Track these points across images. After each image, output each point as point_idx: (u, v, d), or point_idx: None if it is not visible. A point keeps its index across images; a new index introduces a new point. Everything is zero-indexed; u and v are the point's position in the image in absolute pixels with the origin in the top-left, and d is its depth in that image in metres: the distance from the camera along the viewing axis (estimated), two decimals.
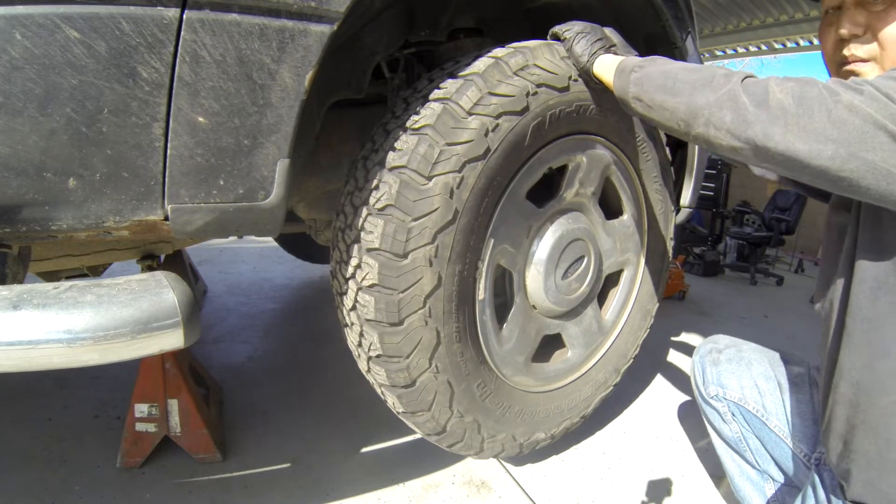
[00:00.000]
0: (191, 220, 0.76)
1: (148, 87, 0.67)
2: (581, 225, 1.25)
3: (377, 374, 1.05)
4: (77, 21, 0.62)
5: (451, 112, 0.95)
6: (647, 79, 0.86)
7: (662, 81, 0.83)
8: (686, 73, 0.80)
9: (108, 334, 0.62)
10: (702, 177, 1.66)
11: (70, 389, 1.63)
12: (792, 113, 0.66)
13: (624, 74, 0.92)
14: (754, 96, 0.69)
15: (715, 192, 4.43)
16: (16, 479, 1.23)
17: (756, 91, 0.69)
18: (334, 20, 0.76)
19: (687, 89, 0.78)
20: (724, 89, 0.72)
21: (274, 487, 1.26)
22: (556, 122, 1.09)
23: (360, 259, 0.98)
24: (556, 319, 1.30)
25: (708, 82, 0.75)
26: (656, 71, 0.85)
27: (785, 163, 0.67)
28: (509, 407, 1.22)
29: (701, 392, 1.23)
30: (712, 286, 3.66)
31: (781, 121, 0.66)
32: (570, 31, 1.08)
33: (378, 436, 1.49)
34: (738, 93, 0.71)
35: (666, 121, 0.83)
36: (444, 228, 0.96)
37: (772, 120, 0.67)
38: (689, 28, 1.46)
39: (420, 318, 0.98)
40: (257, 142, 0.76)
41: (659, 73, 0.84)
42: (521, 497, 1.29)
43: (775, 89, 0.68)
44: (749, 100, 0.69)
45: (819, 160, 0.64)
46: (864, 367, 0.78)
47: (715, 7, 5.72)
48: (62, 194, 0.67)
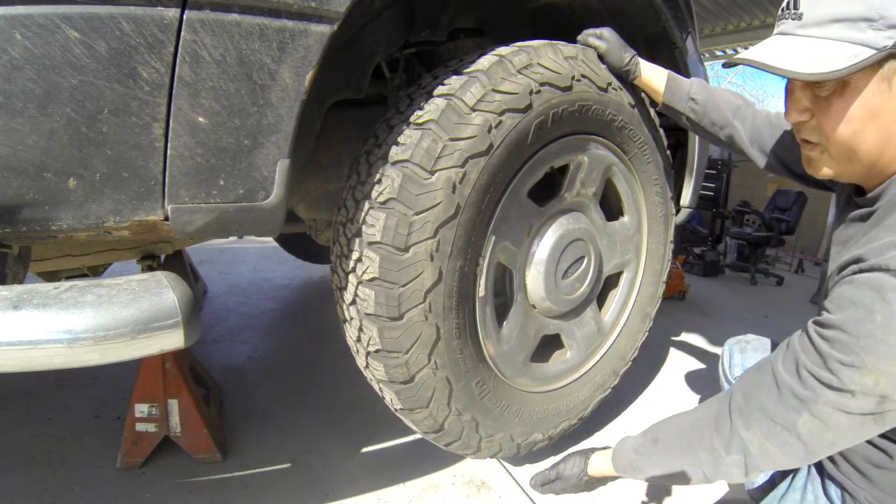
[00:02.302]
0: (191, 221, 0.76)
1: (148, 88, 0.67)
2: (582, 225, 1.25)
3: (375, 370, 1.05)
4: (77, 21, 0.62)
5: (454, 108, 0.96)
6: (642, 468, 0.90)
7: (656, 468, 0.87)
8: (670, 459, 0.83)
9: (109, 334, 0.62)
10: (702, 177, 1.66)
11: (70, 389, 1.63)
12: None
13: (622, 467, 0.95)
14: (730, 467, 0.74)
15: (715, 192, 4.43)
16: (16, 479, 1.23)
17: (734, 463, 0.73)
18: (334, 20, 0.76)
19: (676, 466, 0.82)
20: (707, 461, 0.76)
21: (274, 487, 1.26)
22: (559, 121, 1.09)
23: (360, 253, 0.98)
24: (555, 320, 1.30)
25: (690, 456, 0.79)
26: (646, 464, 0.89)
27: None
28: (507, 406, 1.22)
29: (726, 373, 1.26)
30: (712, 286, 3.66)
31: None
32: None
33: (378, 436, 1.49)
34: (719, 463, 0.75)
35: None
36: (446, 223, 0.96)
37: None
38: (689, 28, 1.46)
39: (420, 313, 0.98)
40: (257, 142, 0.76)
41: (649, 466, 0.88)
42: (521, 497, 1.29)
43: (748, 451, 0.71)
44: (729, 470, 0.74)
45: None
46: None
47: (715, 7, 5.73)
48: (62, 194, 0.67)
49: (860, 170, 0.72)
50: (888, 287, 0.57)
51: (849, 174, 0.74)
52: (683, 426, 0.82)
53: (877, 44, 0.64)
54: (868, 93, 0.66)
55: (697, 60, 1.53)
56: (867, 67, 0.65)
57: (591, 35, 1.22)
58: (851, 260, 0.65)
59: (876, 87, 0.66)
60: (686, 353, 2.26)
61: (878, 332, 0.57)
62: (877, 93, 0.66)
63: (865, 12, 0.64)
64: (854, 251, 0.65)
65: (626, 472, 0.94)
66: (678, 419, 0.85)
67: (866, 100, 0.67)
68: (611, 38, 1.21)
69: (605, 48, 1.20)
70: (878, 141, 0.68)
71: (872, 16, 0.64)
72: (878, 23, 0.63)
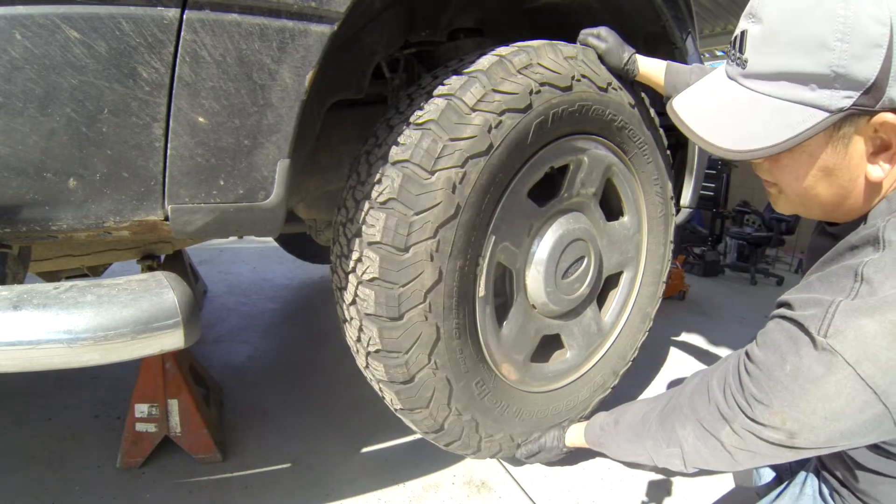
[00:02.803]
0: (191, 221, 0.76)
1: (148, 88, 0.67)
2: (582, 225, 1.25)
3: (375, 370, 1.05)
4: (77, 21, 0.62)
5: (454, 108, 0.96)
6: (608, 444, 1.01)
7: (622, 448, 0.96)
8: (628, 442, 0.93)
9: (109, 334, 0.62)
10: (702, 177, 1.66)
11: (70, 389, 1.63)
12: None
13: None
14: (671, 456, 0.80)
15: (715, 192, 4.43)
16: (16, 479, 1.23)
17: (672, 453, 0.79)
18: (334, 20, 0.76)
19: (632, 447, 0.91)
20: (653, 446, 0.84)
21: (274, 487, 1.26)
22: (559, 121, 1.09)
23: (360, 253, 0.98)
24: (555, 320, 1.30)
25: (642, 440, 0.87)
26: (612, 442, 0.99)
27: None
28: (507, 406, 1.22)
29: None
30: (712, 286, 3.66)
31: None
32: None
33: (378, 436, 1.49)
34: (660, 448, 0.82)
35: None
36: (446, 223, 0.96)
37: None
38: (689, 28, 1.46)
39: (420, 313, 0.98)
40: (257, 142, 0.76)
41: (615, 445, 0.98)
42: (522, 497, 1.29)
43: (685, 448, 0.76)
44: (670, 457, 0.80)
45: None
46: None
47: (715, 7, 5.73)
48: (62, 194, 0.67)
49: (819, 213, 0.68)
50: (801, 343, 0.58)
51: (809, 215, 0.70)
52: (638, 414, 0.89)
53: (831, 105, 0.55)
54: (821, 155, 0.60)
55: (697, 60, 1.52)
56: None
57: (590, 35, 1.22)
58: (784, 302, 0.65)
59: (830, 149, 0.59)
60: (686, 353, 2.26)
61: (786, 380, 0.59)
62: (831, 154, 0.59)
63: (818, 70, 0.54)
64: (790, 293, 0.65)
65: (594, 445, 1.07)
66: (637, 405, 0.93)
67: (820, 161, 0.60)
68: (609, 37, 1.21)
69: (604, 48, 1.20)
70: (835, 195, 0.63)
71: (826, 74, 0.54)
72: (835, 81, 0.54)
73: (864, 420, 0.56)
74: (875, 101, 0.54)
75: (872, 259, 0.57)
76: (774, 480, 1.04)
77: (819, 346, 0.56)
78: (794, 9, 0.56)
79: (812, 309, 0.58)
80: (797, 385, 0.58)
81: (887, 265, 0.55)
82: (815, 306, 0.58)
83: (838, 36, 0.53)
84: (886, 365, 0.53)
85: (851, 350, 0.54)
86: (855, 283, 0.56)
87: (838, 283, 0.59)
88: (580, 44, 1.21)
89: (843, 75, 0.54)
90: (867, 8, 0.53)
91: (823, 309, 0.57)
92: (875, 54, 0.53)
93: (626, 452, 0.94)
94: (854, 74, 0.54)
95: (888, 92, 0.54)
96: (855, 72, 0.53)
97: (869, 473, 0.73)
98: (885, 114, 0.55)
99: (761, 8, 0.59)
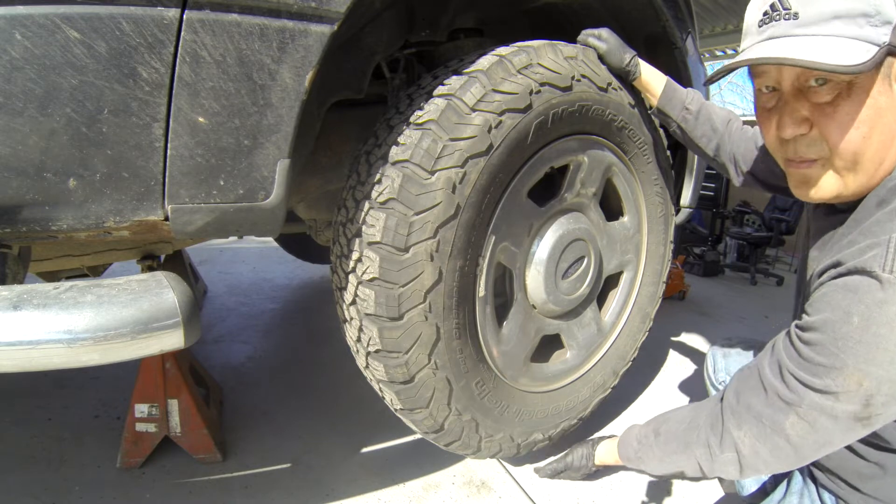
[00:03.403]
0: (191, 221, 0.76)
1: (148, 88, 0.67)
2: (582, 225, 1.25)
3: (375, 370, 1.05)
4: (77, 21, 0.62)
5: (454, 108, 0.96)
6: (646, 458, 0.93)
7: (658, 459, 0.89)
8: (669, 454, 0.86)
9: (109, 334, 0.62)
10: (702, 177, 1.66)
11: (70, 389, 1.63)
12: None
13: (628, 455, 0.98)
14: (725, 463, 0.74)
15: (715, 192, 4.43)
16: (16, 479, 1.23)
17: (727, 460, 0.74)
18: (334, 20, 0.76)
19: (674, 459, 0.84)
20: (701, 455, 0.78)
21: (274, 488, 1.26)
22: (559, 121, 1.09)
23: (360, 253, 0.98)
24: (555, 320, 1.30)
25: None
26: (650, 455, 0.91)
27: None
28: (507, 406, 1.22)
29: (711, 378, 1.27)
30: (712, 286, 3.66)
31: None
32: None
33: (378, 436, 1.49)
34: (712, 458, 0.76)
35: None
36: (446, 223, 0.96)
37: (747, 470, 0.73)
38: (689, 28, 1.46)
39: (420, 313, 0.98)
40: (257, 142, 0.76)
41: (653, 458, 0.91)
42: (522, 497, 1.29)
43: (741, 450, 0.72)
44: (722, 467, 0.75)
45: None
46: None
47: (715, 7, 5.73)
48: (62, 194, 0.67)
49: (863, 181, 0.67)
50: (864, 289, 0.57)
51: (851, 188, 0.68)
52: (683, 421, 0.83)
53: (878, 40, 0.61)
54: (875, 92, 0.63)
55: (697, 60, 1.53)
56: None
57: (590, 36, 1.22)
58: (830, 265, 0.64)
59: (881, 85, 0.63)
60: (686, 354, 2.26)
61: (856, 333, 0.57)
62: (882, 91, 0.63)
63: (864, 8, 0.61)
64: (833, 256, 0.64)
65: (630, 461, 0.96)
66: (679, 413, 0.86)
67: (874, 100, 0.63)
68: (610, 38, 1.21)
69: (604, 49, 1.20)
70: (883, 143, 0.65)
71: (870, 11, 0.61)
72: (874, 18, 0.61)
73: None
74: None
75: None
76: (759, 491, 1.03)
77: (887, 283, 0.55)
78: None
79: (868, 252, 0.58)
80: (870, 334, 0.56)
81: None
82: (871, 249, 0.58)
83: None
84: None
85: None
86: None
87: (886, 225, 0.59)
88: (580, 44, 1.21)
89: (881, 12, 0.62)
90: None
91: (882, 247, 0.57)
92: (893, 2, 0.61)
93: (670, 465, 0.85)
94: (886, 13, 0.62)
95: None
96: (886, 11, 0.62)
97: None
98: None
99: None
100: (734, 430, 0.71)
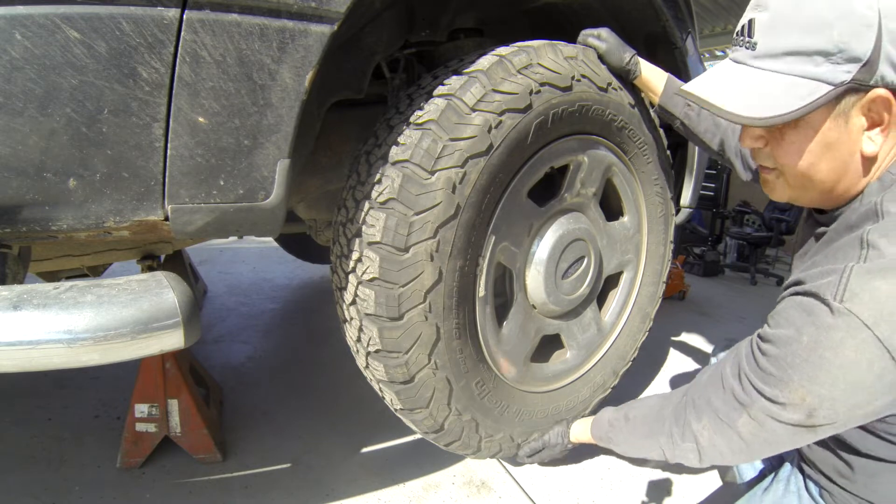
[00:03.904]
0: (191, 221, 0.76)
1: (148, 88, 0.67)
2: (582, 225, 1.25)
3: (375, 370, 1.05)
4: (77, 21, 0.62)
5: (454, 108, 0.96)
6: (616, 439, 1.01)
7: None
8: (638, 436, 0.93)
9: (109, 334, 0.62)
10: (702, 177, 1.66)
11: (70, 389, 1.63)
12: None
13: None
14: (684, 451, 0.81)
15: (715, 192, 4.43)
16: (16, 479, 1.23)
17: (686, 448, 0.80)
18: (334, 20, 0.76)
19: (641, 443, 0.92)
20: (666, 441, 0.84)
21: (274, 488, 1.26)
22: (559, 121, 1.09)
23: (360, 253, 0.98)
24: (555, 320, 1.30)
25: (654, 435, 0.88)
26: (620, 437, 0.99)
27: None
28: (507, 406, 1.22)
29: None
30: (712, 286, 3.66)
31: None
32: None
33: (378, 436, 1.49)
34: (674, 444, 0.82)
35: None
36: (446, 223, 0.96)
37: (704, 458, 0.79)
38: (689, 28, 1.45)
39: (420, 313, 0.98)
40: (257, 142, 0.76)
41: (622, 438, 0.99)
42: (522, 497, 1.29)
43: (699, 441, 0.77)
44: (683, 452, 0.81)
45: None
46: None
47: (715, 7, 5.73)
48: (62, 194, 0.67)
49: (816, 196, 0.72)
50: (816, 312, 0.59)
51: (805, 199, 0.74)
52: (651, 410, 0.90)
53: (834, 79, 0.61)
54: (824, 128, 0.64)
55: (697, 60, 1.52)
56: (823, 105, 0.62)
57: (590, 35, 1.22)
58: (794, 281, 0.66)
59: (832, 122, 0.64)
60: (686, 353, 2.26)
61: (804, 352, 0.60)
62: (833, 128, 0.64)
63: (823, 45, 0.60)
64: (797, 273, 0.67)
65: (601, 440, 1.07)
66: (649, 401, 0.93)
67: (822, 135, 0.65)
68: (609, 38, 1.21)
69: (604, 48, 1.20)
70: (834, 171, 0.67)
71: (830, 49, 0.60)
72: (836, 56, 0.60)
73: (881, 387, 0.57)
74: (870, 76, 0.60)
75: (875, 226, 0.60)
76: (757, 477, 1.05)
77: (836, 312, 0.57)
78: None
79: (825, 278, 0.60)
80: (816, 355, 0.59)
81: (890, 230, 0.59)
82: (828, 275, 0.60)
83: (838, 14, 0.59)
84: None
85: (868, 311, 0.55)
86: (862, 249, 0.59)
87: (846, 253, 0.61)
88: (580, 44, 1.21)
89: (844, 50, 0.60)
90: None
91: (837, 275, 0.59)
92: (869, 33, 0.59)
93: (637, 448, 0.93)
94: (853, 50, 0.59)
95: (880, 69, 0.60)
96: (854, 47, 0.59)
97: (869, 461, 0.73)
98: (878, 90, 0.61)
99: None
100: (694, 423, 0.77)
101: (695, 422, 0.76)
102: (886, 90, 0.61)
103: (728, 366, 0.73)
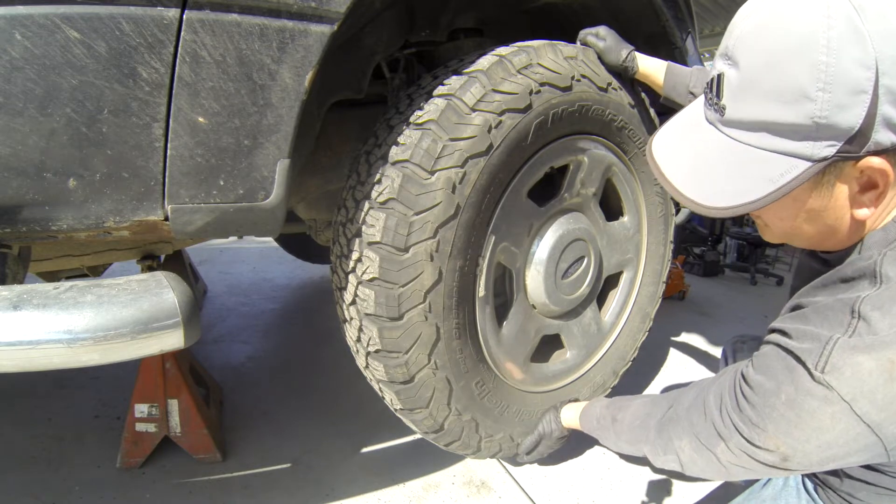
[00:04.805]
0: (191, 221, 0.76)
1: (148, 88, 0.67)
2: (581, 225, 1.25)
3: (375, 370, 1.05)
4: (77, 21, 0.62)
5: (454, 108, 0.96)
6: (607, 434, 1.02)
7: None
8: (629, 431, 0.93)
9: (109, 334, 0.62)
10: None
11: (70, 389, 1.63)
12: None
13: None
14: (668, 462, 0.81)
15: None
16: (16, 479, 1.23)
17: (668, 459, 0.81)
18: (334, 20, 0.76)
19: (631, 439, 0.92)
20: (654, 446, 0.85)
21: (274, 488, 1.26)
22: (559, 121, 1.09)
23: (360, 253, 0.98)
24: (555, 320, 1.30)
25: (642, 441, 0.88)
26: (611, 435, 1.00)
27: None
28: (507, 406, 1.22)
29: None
30: (712, 286, 3.66)
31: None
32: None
33: (378, 436, 1.49)
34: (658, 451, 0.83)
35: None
36: (446, 223, 0.96)
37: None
38: (689, 28, 1.45)
39: (420, 313, 0.98)
40: (257, 142, 0.76)
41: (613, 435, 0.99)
42: (522, 497, 1.29)
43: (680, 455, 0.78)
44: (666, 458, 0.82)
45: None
46: None
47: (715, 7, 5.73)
48: (62, 194, 0.67)
49: (807, 246, 0.68)
50: (797, 374, 0.58)
51: (799, 245, 0.68)
52: (637, 417, 0.90)
53: (813, 155, 0.52)
54: (806, 200, 0.58)
55: (697, 60, 1.52)
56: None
57: (589, 34, 1.22)
58: (780, 329, 0.63)
59: (815, 194, 0.57)
60: (686, 353, 2.26)
61: (781, 408, 0.59)
62: (816, 198, 0.57)
63: (799, 121, 0.51)
64: (784, 320, 0.64)
65: (590, 432, 1.10)
66: (635, 406, 0.94)
67: (803, 205, 0.58)
68: (608, 36, 1.21)
69: (602, 46, 1.20)
70: (821, 233, 0.62)
71: (808, 125, 0.51)
72: (816, 132, 0.51)
73: (856, 447, 0.57)
74: (860, 147, 0.51)
75: (870, 295, 0.55)
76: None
77: (816, 381, 0.56)
78: (772, 53, 0.52)
79: (809, 343, 0.58)
80: (793, 414, 0.58)
81: (885, 303, 0.54)
82: (813, 340, 0.57)
83: (820, 85, 0.49)
84: (882, 402, 0.53)
85: (848, 387, 0.54)
86: (852, 319, 0.55)
87: (835, 318, 0.57)
88: (579, 43, 1.21)
89: (826, 125, 0.51)
90: (850, 52, 0.48)
91: (821, 345, 0.56)
92: (859, 101, 0.49)
93: (623, 449, 0.96)
94: (838, 124, 0.50)
95: (874, 136, 0.51)
96: (838, 121, 0.50)
97: (853, 480, 0.75)
98: (871, 158, 0.52)
99: (737, 50, 0.55)
100: (675, 440, 0.77)
101: (676, 439, 0.77)
102: (881, 158, 0.52)
103: (711, 394, 0.72)
